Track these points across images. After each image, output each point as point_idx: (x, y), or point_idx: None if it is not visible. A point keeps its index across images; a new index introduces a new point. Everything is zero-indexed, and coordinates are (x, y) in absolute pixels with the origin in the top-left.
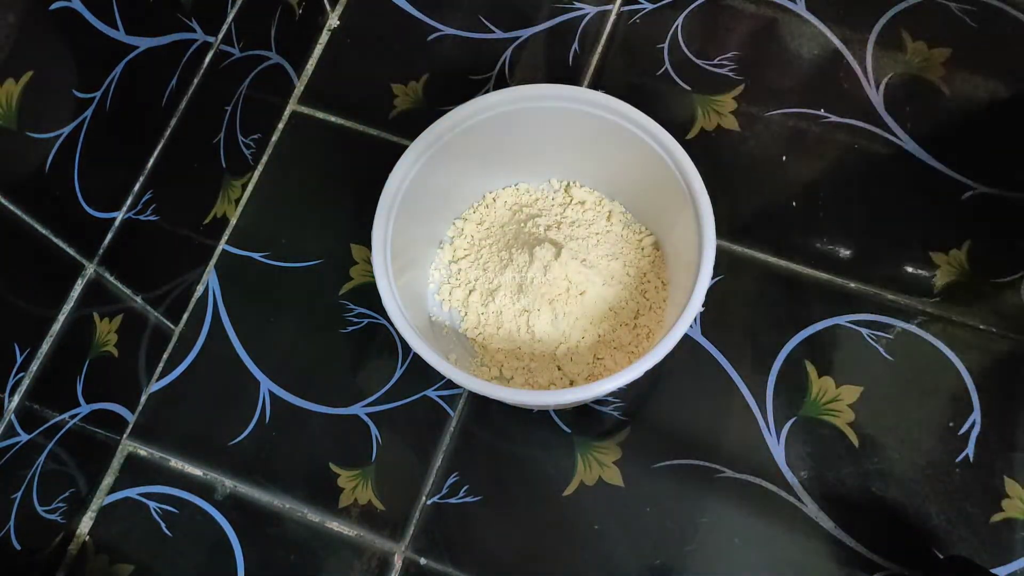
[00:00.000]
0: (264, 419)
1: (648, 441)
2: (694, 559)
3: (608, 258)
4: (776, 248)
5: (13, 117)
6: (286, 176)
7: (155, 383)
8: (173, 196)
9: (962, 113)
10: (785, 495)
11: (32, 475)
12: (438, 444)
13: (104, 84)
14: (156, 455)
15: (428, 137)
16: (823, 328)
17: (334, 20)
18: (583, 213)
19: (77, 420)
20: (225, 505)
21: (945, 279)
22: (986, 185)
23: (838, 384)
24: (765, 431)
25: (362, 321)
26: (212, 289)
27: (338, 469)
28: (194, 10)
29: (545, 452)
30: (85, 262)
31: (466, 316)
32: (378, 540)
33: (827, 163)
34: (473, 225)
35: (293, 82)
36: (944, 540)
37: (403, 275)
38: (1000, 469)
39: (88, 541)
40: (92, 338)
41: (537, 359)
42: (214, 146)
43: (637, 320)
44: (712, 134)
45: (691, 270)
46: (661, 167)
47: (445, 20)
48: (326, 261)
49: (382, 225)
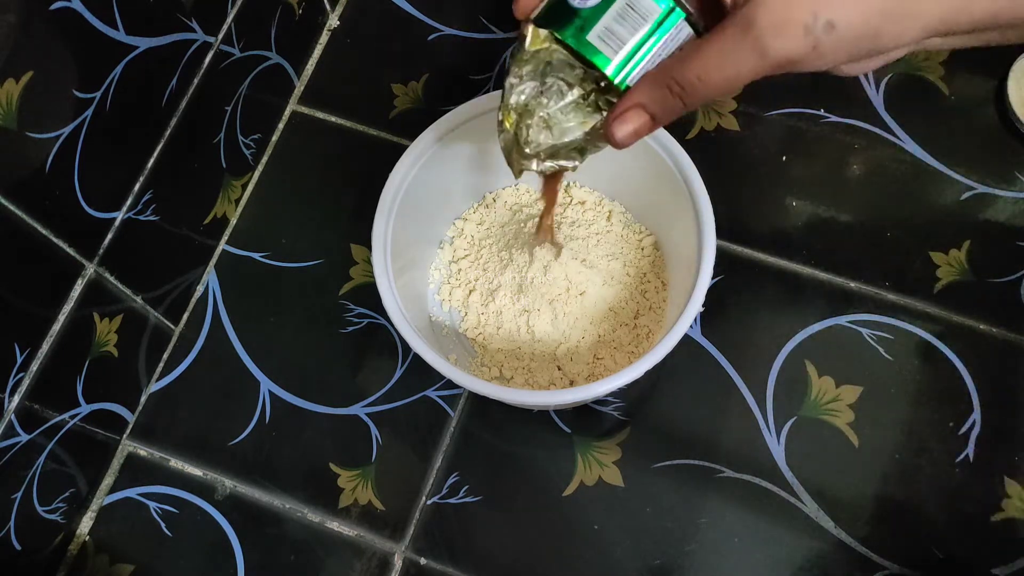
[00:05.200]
0: (264, 419)
1: (648, 441)
2: (694, 559)
3: (608, 258)
4: (776, 248)
5: (13, 117)
6: (286, 176)
7: (155, 383)
8: (173, 196)
9: (962, 113)
10: (785, 495)
11: (32, 475)
12: (438, 444)
13: (104, 84)
14: (156, 455)
15: (428, 137)
16: (823, 328)
17: (334, 20)
18: (583, 213)
19: (77, 420)
20: (225, 505)
21: (945, 279)
22: (986, 185)
23: (838, 384)
24: (765, 431)
25: (362, 321)
26: (212, 289)
27: (338, 469)
28: (194, 10)
29: (545, 452)
30: (85, 262)
31: (466, 316)
32: (378, 540)
33: (827, 163)
34: (473, 225)
35: (293, 82)
36: (944, 540)
37: (403, 275)
38: (1000, 469)
39: (88, 541)
40: (92, 338)
41: (537, 359)
42: (214, 146)
43: (637, 320)
44: (712, 134)
45: (691, 270)
46: (661, 167)
47: (445, 20)
48: (326, 261)
49: (382, 225)
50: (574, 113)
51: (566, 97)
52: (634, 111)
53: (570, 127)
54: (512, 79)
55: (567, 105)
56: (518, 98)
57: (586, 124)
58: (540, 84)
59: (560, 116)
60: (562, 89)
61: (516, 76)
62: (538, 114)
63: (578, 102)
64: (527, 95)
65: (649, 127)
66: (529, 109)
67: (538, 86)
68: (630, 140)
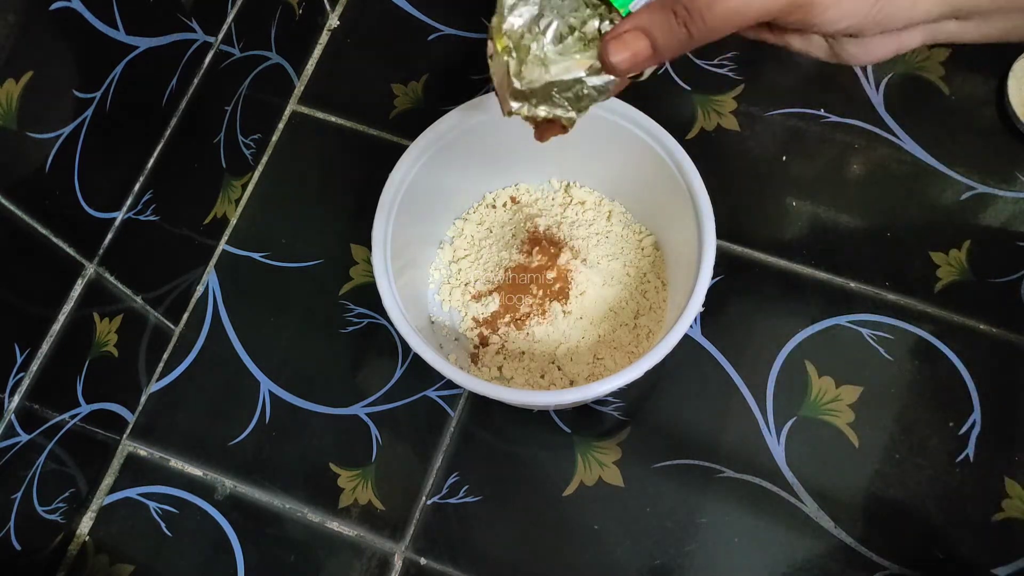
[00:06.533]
0: (264, 419)
1: (648, 441)
2: (694, 559)
3: (608, 258)
4: (776, 248)
5: (13, 117)
6: (286, 176)
7: (155, 383)
8: (173, 196)
9: (962, 113)
10: (785, 495)
11: (32, 475)
12: (438, 444)
13: (104, 84)
14: (156, 455)
15: (428, 137)
16: (823, 328)
17: (334, 20)
18: (583, 213)
19: (77, 420)
20: (225, 505)
21: (945, 279)
22: (986, 185)
23: (838, 384)
24: (765, 431)
25: (362, 321)
26: (212, 289)
27: (338, 469)
28: (194, 10)
29: (545, 452)
30: (85, 262)
31: (466, 316)
32: (378, 540)
33: (827, 163)
34: (473, 225)
35: (293, 82)
36: (944, 540)
37: (403, 275)
38: (1000, 469)
39: (88, 541)
40: (92, 338)
41: (537, 359)
42: (214, 146)
43: (637, 320)
44: (712, 134)
45: (691, 270)
46: (661, 167)
47: (445, 20)
48: (326, 261)
49: (382, 225)
50: (572, 53)
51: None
52: (634, 34)
53: (567, 66)
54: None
55: (566, 45)
56: (515, 20)
57: (584, 62)
58: (538, 14)
59: (557, 56)
60: (561, 25)
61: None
62: (533, 50)
63: (579, 41)
64: (524, 21)
65: (649, 55)
66: (524, 40)
67: (536, 15)
68: (626, 65)
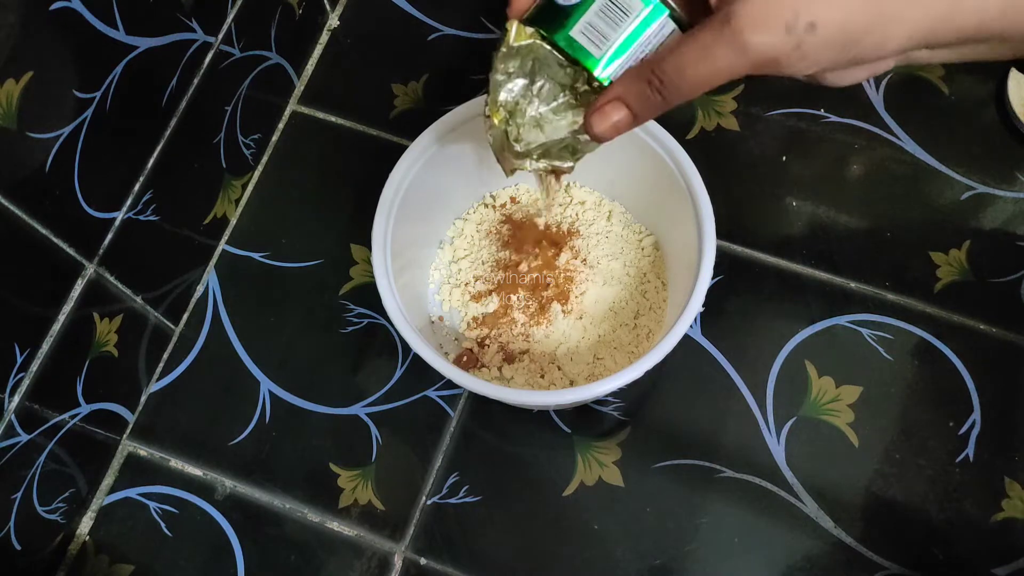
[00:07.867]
0: (264, 419)
1: (648, 441)
2: (694, 559)
3: (608, 258)
4: (776, 248)
5: (13, 117)
6: (286, 176)
7: (155, 383)
8: (173, 196)
9: (962, 113)
10: (785, 495)
11: (32, 475)
12: (438, 444)
13: (104, 84)
14: (156, 455)
15: (428, 137)
16: (823, 328)
17: (334, 20)
18: (583, 213)
19: (77, 420)
20: (225, 505)
21: (945, 279)
22: (986, 185)
23: (838, 384)
24: (765, 431)
25: (362, 321)
26: (212, 289)
27: (338, 469)
28: (194, 10)
29: (545, 452)
30: (85, 262)
31: (466, 316)
32: (378, 540)
33: (827, 163)
34: (473, 225)
35: (293, 82)
36: (944, 540)
37: (403, 275)
38: (1000, 469)
39: (88, 541)
40: (92, 338)
41: (537, 359)
42: (214, 146)
43: (637, 320)
44: (712, 134)
45: (691, 270)
46: (661, 167)
47: (445, 20)
48: (326, 261)
49: (382, 225)
50: (565, 111)
51: (557, 97)
52: (613, 104)
53: (562, 125)
54: (499, 75)
55: (558, 104)
56: (507, 95)
57: (577, 123)
58: (529, 82)
59: (551, 115)
60: (552, 88)
61: (503, 73)
62: (529, 113)
63: (570, 102)
64: (516, 92)
65: (629, 121)
66: (519, 108)
67: (527, 84)
68: (610, 134)
